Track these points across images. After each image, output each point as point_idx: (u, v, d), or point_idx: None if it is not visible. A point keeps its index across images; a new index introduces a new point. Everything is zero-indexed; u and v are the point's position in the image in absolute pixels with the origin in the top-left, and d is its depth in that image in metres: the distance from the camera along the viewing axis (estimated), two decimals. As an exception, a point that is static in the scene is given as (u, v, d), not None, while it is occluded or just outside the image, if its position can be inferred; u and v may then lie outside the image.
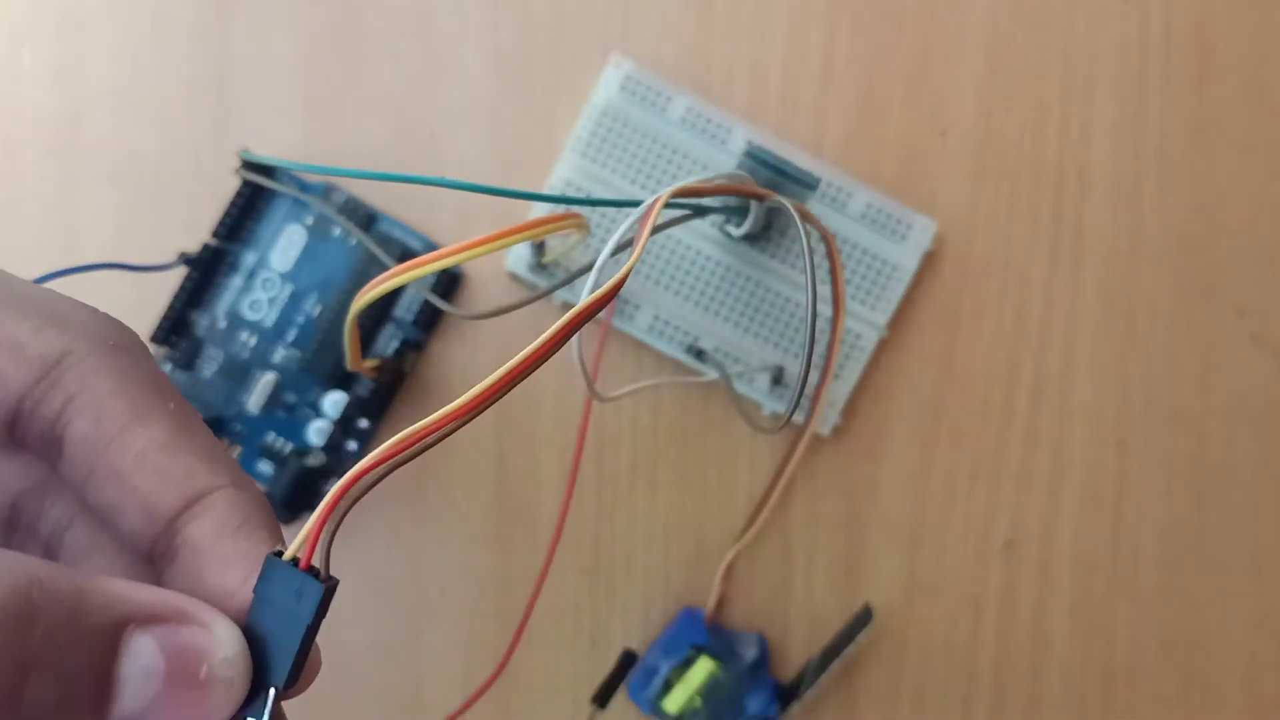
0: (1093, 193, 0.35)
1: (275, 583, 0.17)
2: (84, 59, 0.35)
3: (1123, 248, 0.36)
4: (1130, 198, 0.36)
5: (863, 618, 0.34)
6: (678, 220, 0.29)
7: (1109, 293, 0.36)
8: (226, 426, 0.34)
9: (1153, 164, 0.36)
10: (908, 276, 0.35)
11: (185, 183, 0.35)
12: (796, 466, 0.34)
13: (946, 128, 0.35)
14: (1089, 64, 0.36)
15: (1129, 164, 0.36)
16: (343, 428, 0.35)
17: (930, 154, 0.35)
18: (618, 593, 0.35)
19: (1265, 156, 0.36)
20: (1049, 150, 0.35)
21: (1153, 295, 0.36)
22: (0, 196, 0.35)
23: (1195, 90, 0.36)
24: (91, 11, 0.35)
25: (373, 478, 0.16)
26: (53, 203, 0.35)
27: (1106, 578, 0.36)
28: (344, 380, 0.34)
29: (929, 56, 0.35)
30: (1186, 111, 0.36)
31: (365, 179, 0.31)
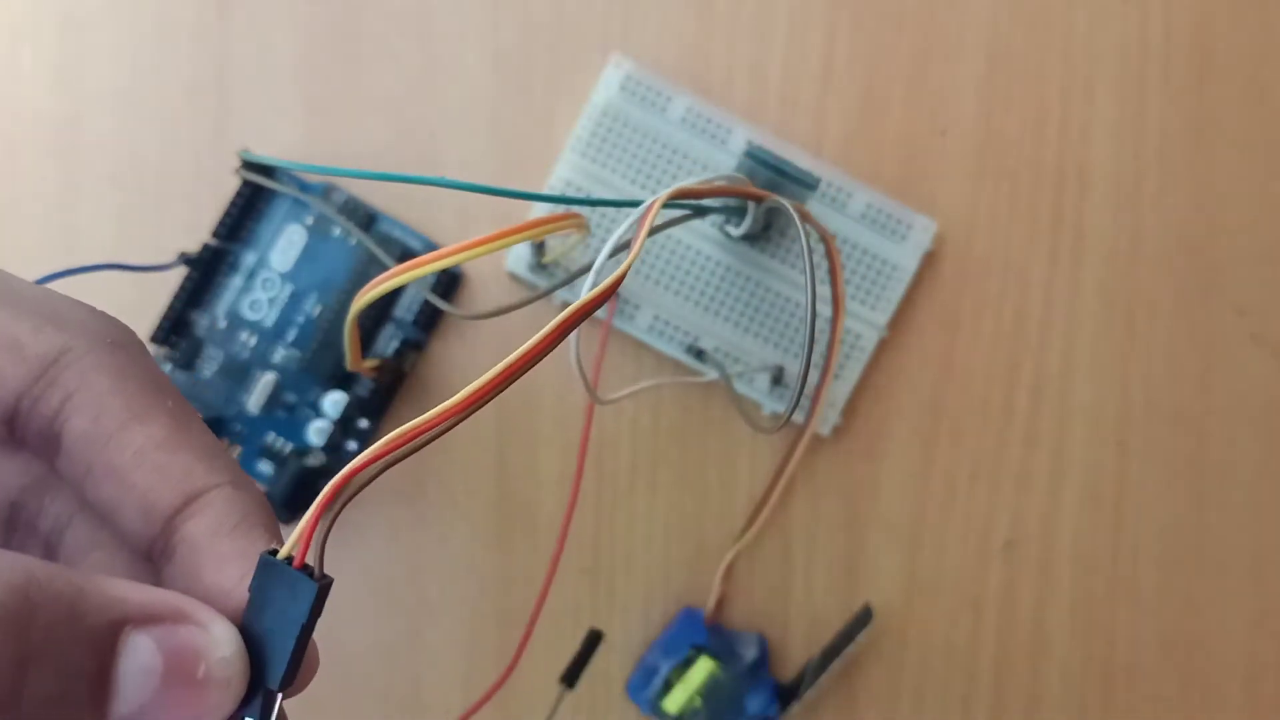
0: (1093, 193, 0.35)
1: (270, 582, 0.16)
2: (84, 59, 0.35)
3: (1123, 248, 0.36)
4: (1130, 198, 0.36)
5: (863, 618, 0.34)
6: (677, 220, 0.29)
7: (1109, 293, 0.36)
8: (226, 426, 0.34)
9: (1153, 164, 0.36)
10: (908, 276, 0.35)
11: (185, 183, 0.35)
12: (796, 466, 0.34)
13: (946, 128, 0.35)
14: (1089, 64, 0.36)
15: (1129, 164, 0.36)
16: (343, 428, 0.35)
17: (930, 154, 0.35)
18: (618, 593, 0.35)
19: (1265, 156, 0.36)
20: (1049, 150, 0.35)
21: (1153, 295, 0.36)
22: (0, 196, 0.35)
23: (1195, 90, 0.36)
24: (91, 11, 0.35)
25: (366, 476, 0.16)
26: (53, 203, 0.35)
27: (1106, 578, 0.36)
28: (344, 380, 0.34)
29: (929, 56, 0.35)
30: (1186, 111, 0.36)
31: (365, 179, 0.31)
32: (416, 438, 0.16)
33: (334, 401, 0.34)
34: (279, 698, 0.17)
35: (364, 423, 0.35)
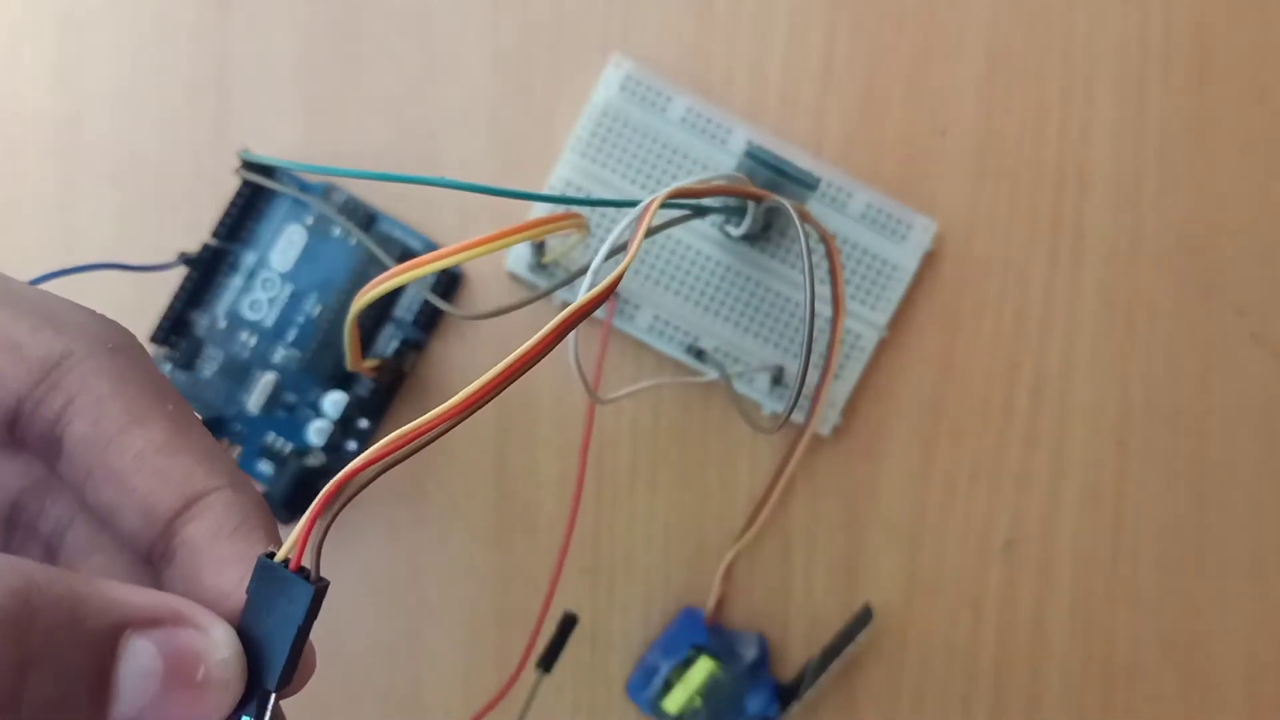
0: (1093, 193, 0.35)
1: (267, 584, 0.17)
2: (84, 59, 0.35)
3: (1123, 248, 0.36)
4: (1130, 198, 0.36)
5: (863, 618, 0.34)
6: (677, 220, 0.29)
7: (1109, 293, 0.36)
8: (226, 426, 0.34)
9: (1153, 164, 0.36)
10: (908, 276, 0.35)
11: (185, 183, 0.35)
12: (796, 466, 0.34)
13: (946, 128, 0.35)
14: (1089, 64, 0.36)
15: (1129, 164, 0.36)
16: (343, 428, 0.35)
17: (930, 154, 0.35)
18: (618, 593, 0.35)
19: (1265, 156, 0.36)
20: (1049, 150, 0.35)
21: (1153, 295, 0.36)
22: (0, 196, 0.35)
23: (1195, 90, 0.36)
24: (91, 11, 0.35)
25: (363, 479, 0.16)
26: (53, 203, 0.35)
27: (1106, 578, 0.36)
28: (344, 380, 0.34)
29: (929, 56, 0.35)
30: (1186, 111, 0.36)
31: (365, 179, 0.31)
32: (413, 441, 0.16)
33: (334, 401, 0.34)
34: (273, 698, 0.17)
35: (364, 423, 0.35)
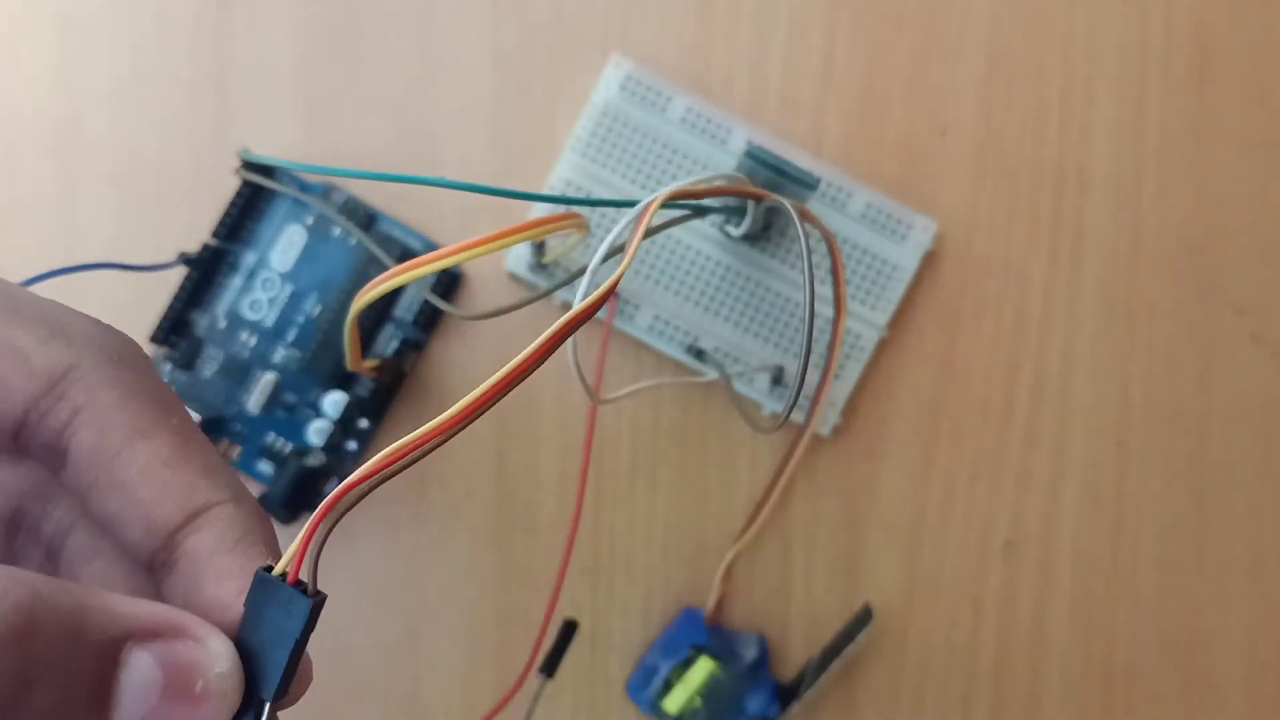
0: (1093, 193, 0.35)
1: (265, 597, 0.17)
2: (84, 59, 0.35)
3: (1123, 248, 0.36)
4: (1130, 198, 0.36)
5: (863, 618, 0.34)
6: (677, 220, 0.29)
7: (1109, 293, 0.36)
8: (226, 426, 0.34)
9: (1153, 164, 0.36)
10: (908, 276, 0.35)
11: (185, 183, 0.35)
12: (796, 466, 0.34)
13: (946, 128, 0.35)
14: (1089, 64, 0.36)
15: (1129, 164, 0.36)
16: (343, 428, 0.35)
17: (930, 154, 0.35)
18: (618, 593, 0.35)
19: (1265, 156, 0.36)
20: (1049, 150, 0.35)
21: (1153, 295, 0.36)
22: (0, 196, 0.35)
23: (1195, 90, 0.36)
24: (91, 11, 0.35)
25: (359, 492, 0.17)
26: (53, 203, 0.35)
27: (1106, 578, 0.36)
28: (344, 380, 0.34)
29: (929, 56, 0.35)
30: (1186, 111, 0.36)
31: (365, 179, 0.31)
32: (409, 454, 0.17)
33: (334, 401, 0.34)
34: (267, 706, 0.17)
35: (364, 423, 0.35)
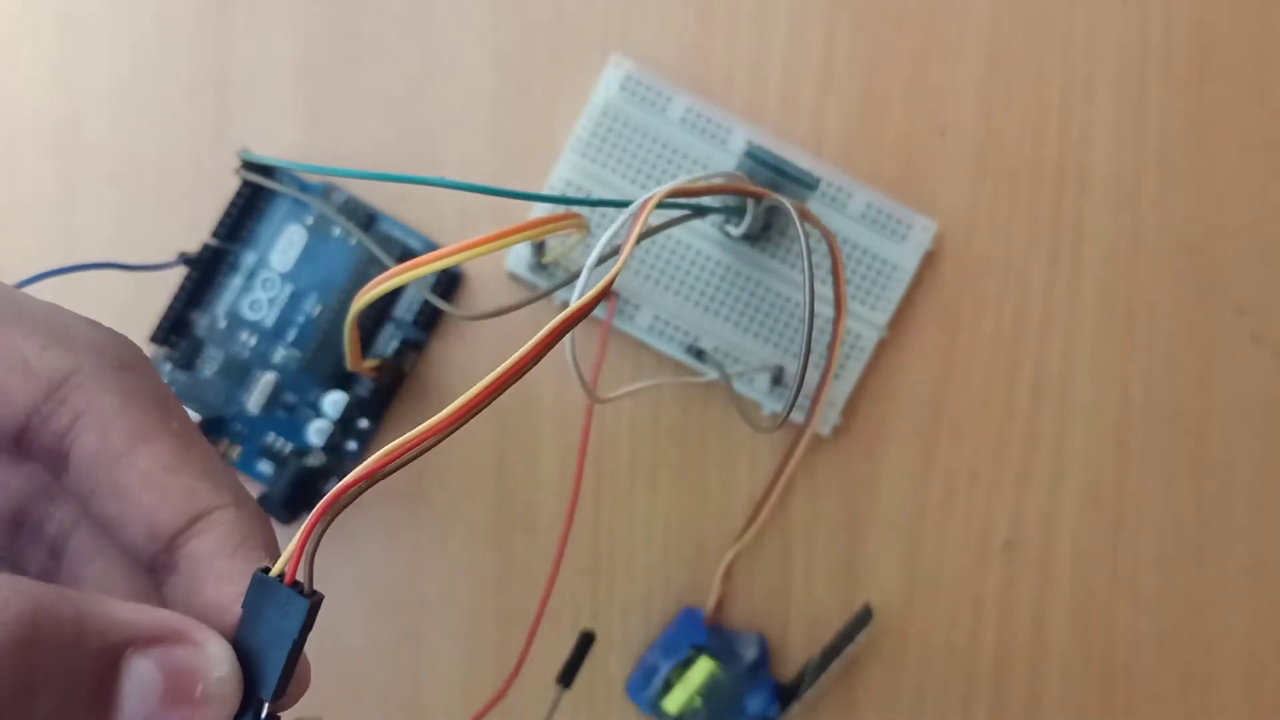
0: (1093, 193, 0.35)
1: (262, 598, 0.17)
2: (84, 59, 0.35)
3: (1123, 248, 0.36)
4: (1130, 198, 0.36)
5: (863, 618, 0.34)
6: (677, 220, 0.29)
7: (1109, 293, 0.36)
8: (226, 426, 0.34)
9: (1153, 164, 0.36)
10: (908, 276, 0.35)
11: (185, 183, 0.35)
12: (796, 466, 0.34)
13: (946, 128, 0.35)
14: (1089, 64, 0.36)
15: (1129, 164, 0.36)
16: (343, 428, 0.35)
17: (930, 154, 0.35)
18: (618, 593, 0.35)
19: (1265, 156, 0.36)
20: (1049, 150, 0.35)
21: (1153, 295, 0.36)
22: (0, 196, 0.35)
23: (1195, 90, 0.36)
24: (91, 11, 0.35)
25: (354, 492, 0.17)
26: (53, 203, 0.35)
27: (1106, 578, 0.36)
28: (344, 380, 0.34)
29: (929, 56, 0.35)
30: (1186, 111, 0.36)
31: (365, 179, 0.31)
32: (404, 454, 0.17)
33: (334, 401, 0.34)
34: (266, 706, 0.17)
35: (364, 423, 0.35)
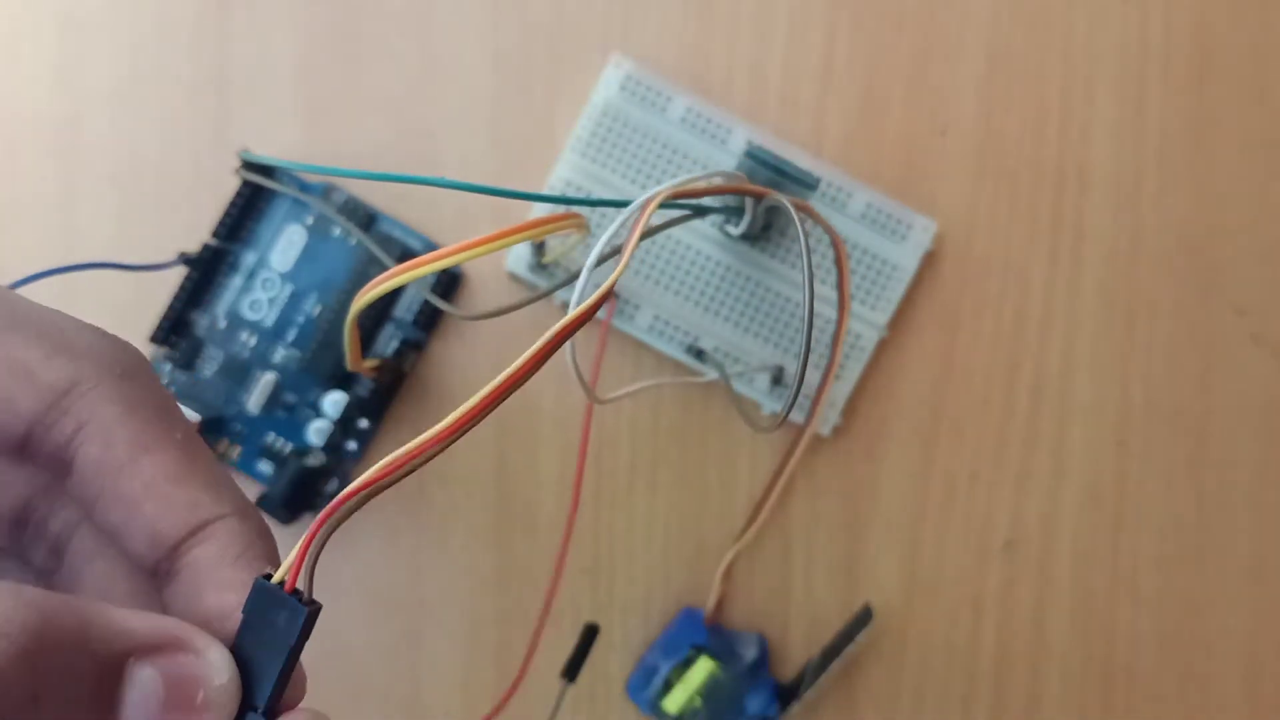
0: (1093, 193, 0.35)
1: (262, 605, 0.17)
2: (84, 59, 0.35)
3: (1123, 248, 0.36)
4: (1130, 198, 0.36)
5: (863, 618, 0.34)
6: (676, 220, 0.29)
7: (1109, 293, 0.36)
8: (226, 426, 0.34)
9: (1153, 164, 0.36)
10: (908, 276, 0.35)
11: (185, 183, 0.35)
12: (796, 466, 0.34)
13: (946, 128, 0.35)
14: (1089, 64, 0.36)
15: (1129, 164, 0.36)
16: (343, 428, 0.35)
17: (930, 154, 0.35)
18: (618, 593, 0.35)
19: (1265, 156, 0.36)
20: (1049, 150, 0.35)
21: (1153, 295, 0.36)
22: (0, 196, 0.35)
23: (1195, 90, 0.36)
24: (91, 11, 0.35)
25: (355, 502, 0.17)
26: (53, 203, 0.35)
27: (1106, 578, 0.36)
28: (344, 380, 0.34)
29: (929, 56, 0.35)
30: (1186, 111, 0.36)
31: (365, 179, 0.31)
32: (406, 465, 0.17)
33: (334, 401, 0.34)
34: (262, 713, 0.17)
35: (364, 423, 0.35)
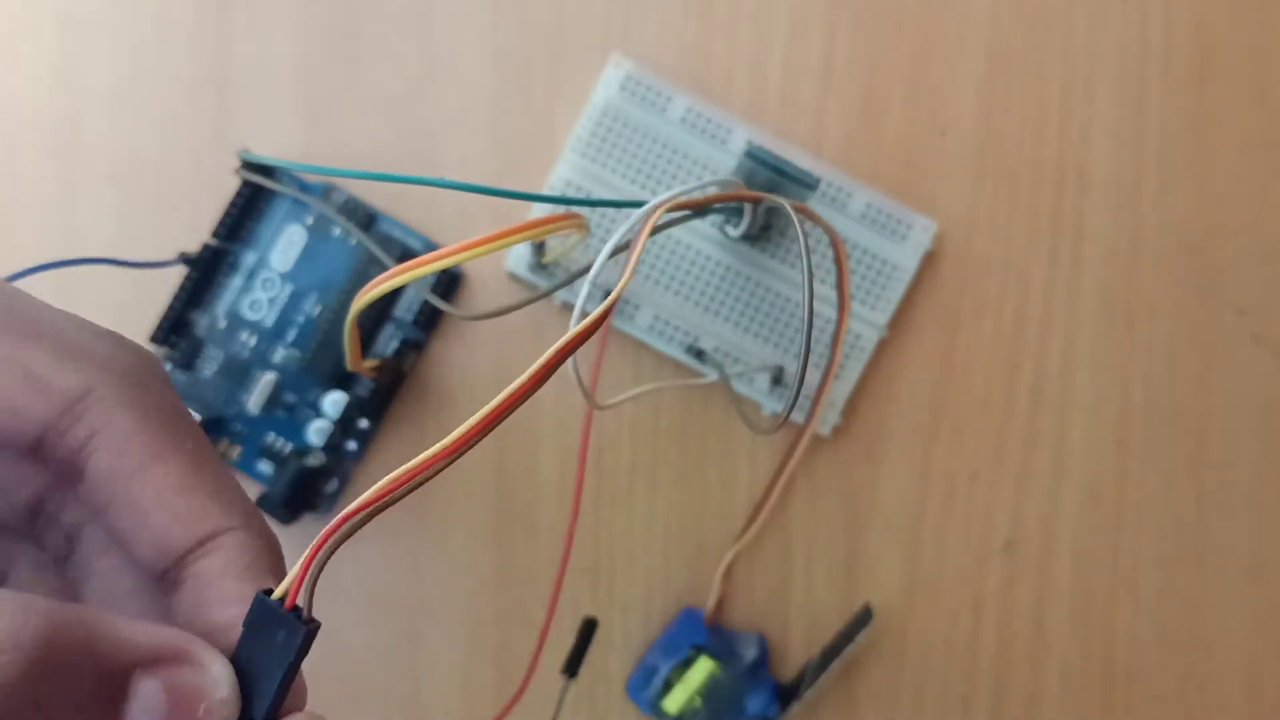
0: (1093, 193, 0.35)
1: (263, 620, 0.17)
2: (84, 59, 0.35)
3: (1123, 248, 0.36)
4: (1130, 198, 0.36)
5: (863, 618, 0.34)
6: (676, 221, 0.29)
7: (1109, 293, 0.36)
8: (226, 426, 0.34)
9: (1153, 164, 0.36)
10: (908, 276, 0.35)
11: (185, 183, 0.35)
12: (796, 466, 0.34)
13: (946, 128, 0.35)
14: (1089, 64, 0.36)
15: (1129, 164, 0.36)
16: (343, 428, 0.35)
17: (930, 154, 0.35)
18: (618, 593, 0.35)
19: (1265, 156, 0.36)
20: (1049, 150, 0.35)
21: (1153, 295, 0.36)
22: (0, 196, 0.35)
23: (1195, 90, 0.36)
24: (91, 11, 0.35)
25: (357, 522, 0.17)
26: (53, 203, 0.35)
27: (1106, 578, 0.36)
28: (344, 380, 0.34)
29: (929, 56, 0.35)
30: (1186, 111, 0.36)
31: (365, 179, 0.31)
32: (409, 482, 0.17)
33: (334, 401, 0.34)
34: None
35: (364, 423, 0.35)
